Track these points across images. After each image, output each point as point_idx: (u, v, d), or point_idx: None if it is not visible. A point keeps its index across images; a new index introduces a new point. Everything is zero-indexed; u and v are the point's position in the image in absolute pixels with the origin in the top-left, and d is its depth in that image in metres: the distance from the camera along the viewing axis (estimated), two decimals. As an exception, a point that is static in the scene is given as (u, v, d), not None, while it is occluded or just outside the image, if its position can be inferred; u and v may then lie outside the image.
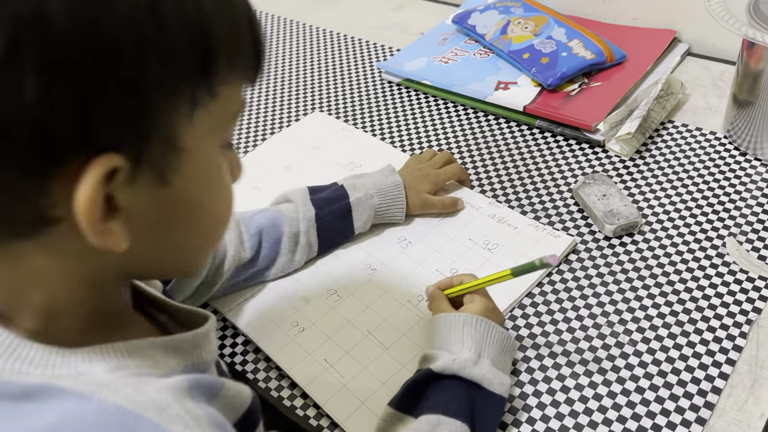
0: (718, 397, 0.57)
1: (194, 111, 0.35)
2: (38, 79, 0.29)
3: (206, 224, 0.41)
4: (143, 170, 0.34)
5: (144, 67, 0.32)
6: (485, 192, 0.80)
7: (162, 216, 0.37)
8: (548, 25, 0.98)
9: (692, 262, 0.68)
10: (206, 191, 0.39)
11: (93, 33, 0.30)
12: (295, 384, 0.63)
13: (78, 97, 0.30)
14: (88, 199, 0.32)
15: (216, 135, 0.39)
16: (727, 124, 0.82)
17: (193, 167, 0.37)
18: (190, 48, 0.33)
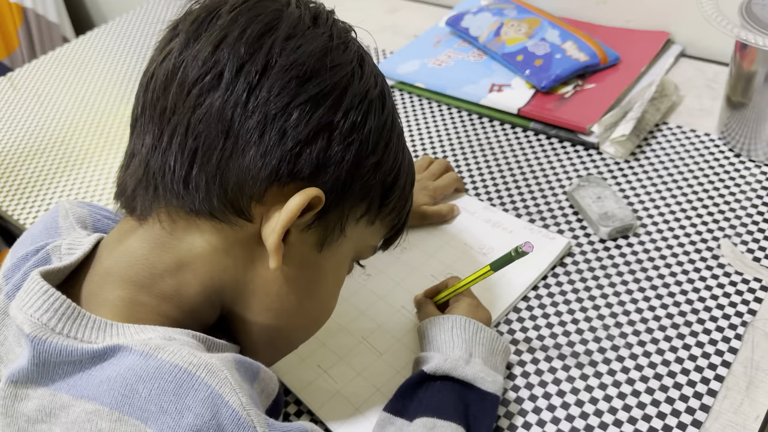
0: (713, 399, 0.57)
1: (361, 218, 0.49)
2: (320, 128, 0.43)
3: (320, 306, 0.51)
4: (317, 227, 0.46)
5: (368, 158, 0.46)
6: (480, 195, 0.80)
7: (303, 273, 0.47)
8: (542, 27, 0.98)
9: (687, 263, 0.68)
10: (334, 278, 0.51)
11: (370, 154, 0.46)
12: (288, 390, 0.62)
13: (329, 149, 0.43)
14: (296, 206, 0.42)
15: (356, 248, 0.51)
16: (721, 126, 0.82)
17: (338, 252, 0.49)
18: (387, 176, 0.48)
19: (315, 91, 0.42)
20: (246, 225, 0.44)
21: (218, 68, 0.42)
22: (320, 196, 0.43)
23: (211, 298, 0.46)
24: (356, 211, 0.48)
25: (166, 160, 0.42)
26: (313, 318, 0.52)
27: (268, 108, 0.41)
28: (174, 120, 0.42)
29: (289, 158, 0.42)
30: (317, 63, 0.43)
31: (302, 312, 0.49)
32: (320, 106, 0.43)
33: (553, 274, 0.69)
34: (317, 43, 0.44)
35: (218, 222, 0.43)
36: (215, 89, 0.42)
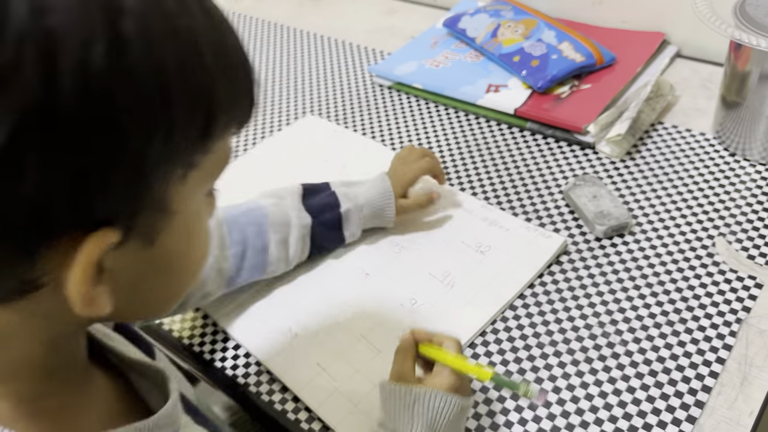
0: (708, 395, 0.57)
1: (188, 173, 0.34)
2: (39, 172, 0.27)
3: (185, 272, 0.40)
4: (131, 236, 0.33)
5: (149, 146, 0.30)
6: (477, 195, 0.81)
7: (145, 272, 0.36)
8: (538, 28, 0.98)
9: (682, 262, 0.69)
10: (189, 243, 0.38)
11: (101, 122, 0.28)
12: (286, 388, 0.63)
13: (78, 181, 0.28)
14: (83, 277, 0.31)
15: (204, 188, 0.37)
16: (716, 125, 0.83)
17: (179, 225, 0.36)
18: (193, 118, 0.32)
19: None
20: (41, 292, 0.32)
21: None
22: (104, 240, 0.30)
23: (63, 346, 0.38)
24: (172, 182, 0.33)
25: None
26: (184, 281, 0.41)
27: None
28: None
29: (29, 219, 0.28)
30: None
31: (169, 288, 0.40)
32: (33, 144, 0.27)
33: (549, 272, 0.70)
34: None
35: (4, 303, 0.32)
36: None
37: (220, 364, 0.66)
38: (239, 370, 0.65)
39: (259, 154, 0.92)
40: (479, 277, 0.69)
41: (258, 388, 0.64)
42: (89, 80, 0.27)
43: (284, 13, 1.27)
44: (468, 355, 0.63)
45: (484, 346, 0.64)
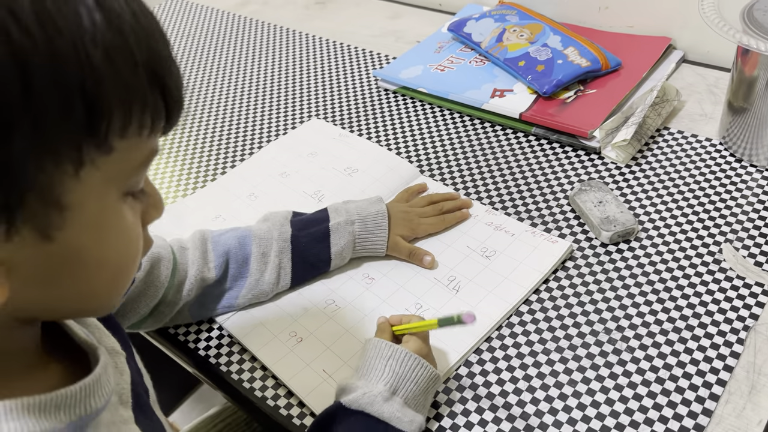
0: (716, 403, 0.57)
1: (81, 169, 0.33)
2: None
3: (102, 273, 0.39)
4: (19, 228, 0.33)
5: (10, 131, 0.30)
6: (482, 200, 0.80)
7: (49, 269, 0.36)
8: (543, 32, 0.98)
9: (689, 268, 0.68)
10: (98, 243, 0.37)
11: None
12: (291, 393, 0.63)
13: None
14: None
15: (113, 187, 0.37)
16: (722, 131, 0.83)
17: (81, 222, 0.35)
18: (67, 112, 0.31)
19: None
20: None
21: None
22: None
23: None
24: (61, 176, 0.33)
25: None
26: (110, 278, 0.40)
27: None
28: None
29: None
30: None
31: (90, 288, 0.39)
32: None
33: (555, 277, 0.69)
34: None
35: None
36: None
37: (225, 369, 0.66)
38: (245, 374, 0.65)
39: (264, 157, 0.92)
40: (484, 282, 0.69)
41: (263, 393, 0.63)
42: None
43: (290, 17, 1.27)
44: (474, 360, 0.63)
45: (490, 352, 0.63)
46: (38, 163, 0.31)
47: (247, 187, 0.86)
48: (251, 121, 1.01)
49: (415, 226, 0.74)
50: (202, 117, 1.04)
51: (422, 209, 0.77)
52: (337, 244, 0.70)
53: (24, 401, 0.36)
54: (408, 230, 0.74)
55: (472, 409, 0.59)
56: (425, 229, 0.75)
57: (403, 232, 0.73)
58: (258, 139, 0.97)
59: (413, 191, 0.81)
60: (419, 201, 0.79)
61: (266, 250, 0.69)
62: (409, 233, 0.74)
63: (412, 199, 0.80)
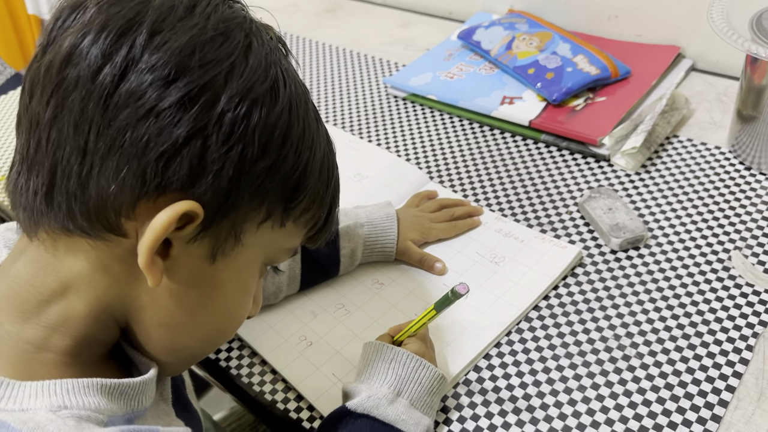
0: (725, 410, 0.57)
1: (264, 222, 0.43)
2: (194, 131, 0.37)
3: (220, 318, 0.46)
4: (205, 238, 0.40)
5: (257, 162, 0.40)
6: (491, 206, 0.81)
7: (194, 286, 0.43)
8: (553, 40, 0.99)
9: (698, 275, 0.68)
10: (236, 288, 0.45)
11: (240, 129, 0.39)
12: (301, 396, 0.63)
13: (205, 155, 0.38)
14: (164, 223, 0.37)
15: (265, 253, 0.46)
16: (731, 139, 0.83)
17: (237, 261, 0.43)
18: (288, 178, 0.42)
19: (181, 94, 0.37)
20: (121, 240, 0.39)
21: (74, 74, 0.37)
22: (195, 209, 0.38)
23: (102, 319, 0.42)
24: (254, 217, 0.42)
25: (30, 175, 0.39)
26: (213, 330, 0.47)
27: (128, 115, 0.37)
28: (36, 133, 0.39)
29: (155, 170, 0.37)
30: (185, 60, 0.37)
31: (198, 325, 0.45)
32: (188, 110, 0.37)
33: (565, 284, 0.70)
34: (186, 36, 0.38)
35: (92, 239, 0.39)
36: (70, 98, 0.37)
37: (235, 372, 0.67)
38: (255, 378, 0.66)
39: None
40: (494, 288, 0.70)
41: (273, 396, 0.64)
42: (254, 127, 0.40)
43: (300, 25, 1.28)
44: (484, 366, 0.63)
45: (500, 357, 0.64)
46: (252, 197, 0.41)
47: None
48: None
49: (426, 231, 0.75)
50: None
51: (433, 214, 0.77)
52: (346, 247, 0.71)
53: (98, 381, 0.40)
54: (419, 235, 0.74)
55: (481, 414, 0.59)
56: (436, 234, 0.75)
57: (414, 237, 0.74)
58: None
59: (423, 196, 0.81)
60: (430, 205, 0.79)
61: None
62: (420, 238, 0.74)
63: (423, 204, 0.80)
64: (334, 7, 1.33)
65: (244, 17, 0.42)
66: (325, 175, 0.46)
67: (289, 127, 0.41)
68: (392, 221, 0.73)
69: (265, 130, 0.40)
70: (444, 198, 0.81)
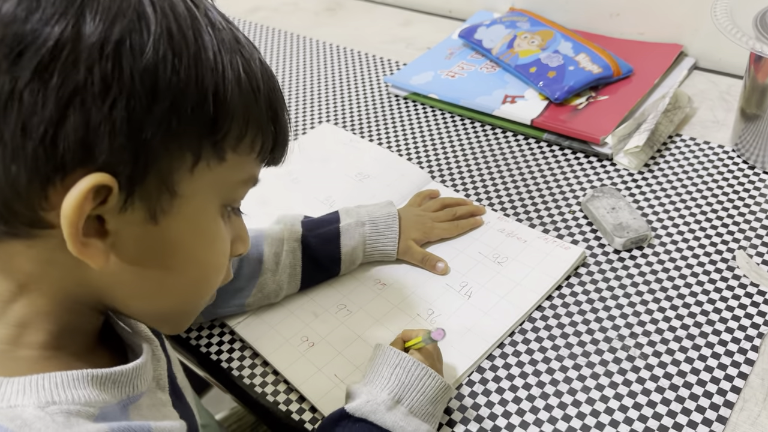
0: (730, 411, 0.56)
1: (196, 164, 0.39)
2: (65, 100, 0.34)
3: (189, 272, 0.43)
4: (135, 202, 0.37)
5: (152, 107, 0.35)
6: (493, 206, 0.80)
7: (148, 252, 0.40)
8: (555, 39, 0.98)
9: (702, 275, 0.68)
10: (193, 240, 0.42)
11: (121, 72, 0.34)
12: (303, 398, 0.63)
13: (88, 121, 0.34)
14: (74, 205, 0.35)
15: (216, 194, 0.42)
16: (735, 138, 0.82)
17: (185, 214, 0.40)
18: (199, 110, 0.37)
19: (33, 65, 0.33)
20: (51, 232, 0.37)
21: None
22: (103, 181, 0.35)
23: (74, 308, 0.42)
24: (180, 165, 0.38)
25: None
26: (192, 284, 0.45)
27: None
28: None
29: (44, 154, 0.34)
30: (20, 27, 0.33)
31: (171, 287, 0.43)
32: (48, 79, 0.33)
33: (568, 284, 0.69)
34: (9, 5, 0.33)
35: (22, 239, 0.37)
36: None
37: (237, 373, 0.66)
38: (256, 379, 0.65)
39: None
40: (497, 288, 0.69)
41: (275, 398, 0.63)
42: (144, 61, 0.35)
43: (300, 24, 1.28)
44: (487, 367, 0.63)
45: (503, 358, 0.63)
46: (165, 144, 0.36)
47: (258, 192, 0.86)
48: (262, 126, 1.01)
49: (429, 230, 0.74)
50: (213, 122, 1.04)
51: (435, 213, 0.77)
52: (347, 245, 0.70)
53: (88, 372, 0.39)
54: (421, 234, 0.74)
55: (485, 416, 0.59)
56: (439, 233, 0.75)
57: (416, 236, 0.73)
58: (269, 145, 0.97)
59: (425, 195, 0.81)
60: (432, 204, 0.78)
61: (278, 251, 0.69)
62: (423, 237, 0.74)
63: (425, 203, 0.80)
64: (334, 6, 1.33)
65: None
66: (248, 88, 0.40)
67: (177, 56, 0.36)
68: (394, 220, 0.73)
69: (145, 71, 0.35)
70: (446, 197, 0.80)
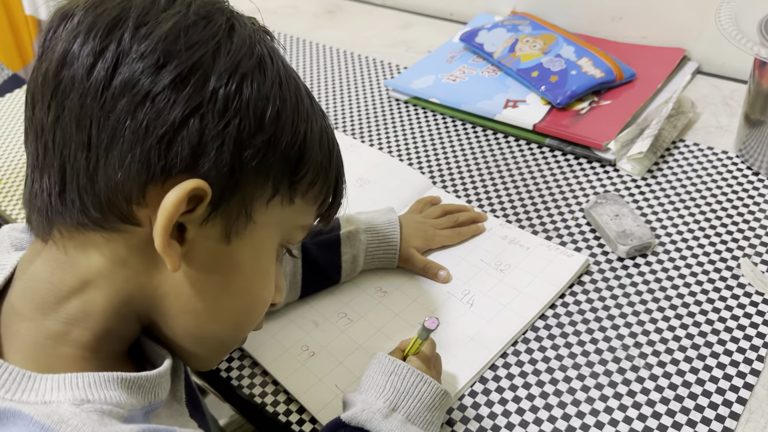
0: (736, 422, 0.56)
1: (272, 199, 0.44)
2: (191, 110, 0.39)
3: (245, 300, 0.47)
4: (217, 217, 0.42)
5: (256, 135, 0.41)
6: (495, 212, 0.80)
7: (215, 268, 0.44)
8: (557, 43, 0.97)
9: (707, 283, 0.67)
10: (255, 269, 0.46)
11: (240, 104, 0.40)
12: (304, 409, 0.62)
13: (204, 132, 0.39)
14: (174, 201, 0.38)
15: (279, 231, 0.47)
16: (739, 144, 0.82)
17: (253, 240, 0.44)
18: (289, 150, 0.43)
19: (172, 76, 0.38)
20: (136, 230, 0.41)
21: (70, 75, 0.39)
22: (202, 187, 0.39)
23: (123, 313, 0.43)
24: (261, 194, 0.43)
25: (42, 179, 0.41)
26: (239, 312, 0.48)
27: (125, 104, 0.38)
28: (42, 138, 0.40)
29: (158, 153, 0.38)
30: (171, 45, 0.39)
31: (222, 309, 0.46)
32: (181, 90, 0.39)
33: (571, 292, 0.68)
34: (169, 23, 0.39)
35: (107, 232, 0.40)
36: (69, 98, 0.39)
37: (236, 383, 0.65)
38: (256, 389, 0.64)
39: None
40: (499, 296, 0.68)
41: (275, 408, 0.63)
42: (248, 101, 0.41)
43: (300, 27, 1.27)
44: (490, 377, 0.62)
45: (506, 368, 0.62)
46: (257, 171, 0.42)
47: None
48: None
49: (430, 238, 0.74)
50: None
51: (437, 220, 0.76)
52: (348, 253, 0.70)
53: (118, 375, 0.41)
54: (422, 242, 0.73)
55: (487, 427, 0.58)
56: (440, 240, 0.74)
57: (418, 244, 0.73)
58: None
59: (426, 202, 0.80)
60: (433, 211, 0.77)
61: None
62: (424, 245, 0.73)
63: (426, 210, 0.79)
64: (333, 9, 1.32)
65: (224, 3, 0.44)
66: (326, 147, 0.47)
67: (282, 100, 0.42)
68: (395, 227, 0.72)
69: (258, 103, 0.41)
70: (447, 204, 0.80)
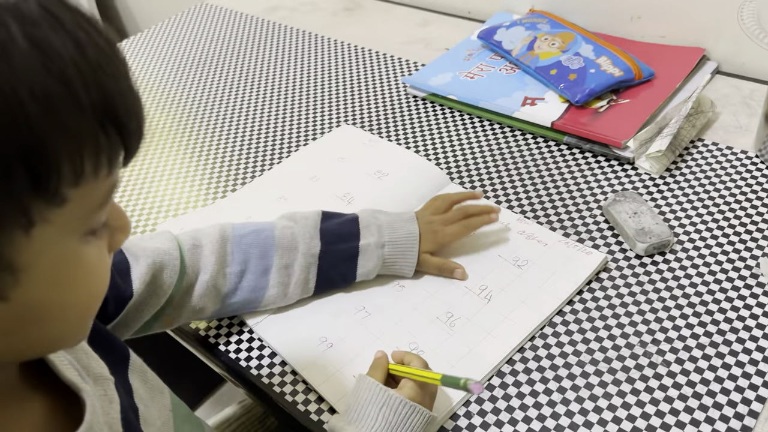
0: (755, 420, 0.56)
1: (31, 229, 0.31)
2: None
3: (67, 316, 0.37)
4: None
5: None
6: (513, 208, 0.80)
7: (11, 324, 0.34)
8: (576, 41, 0.97)
9: (725, 282, 0.67)
10: (60, 292, 0.35)
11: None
12: (322, 398, 0.62)
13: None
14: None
15: (71, 235, 0.34)
16: (758, 144, 0.81)
17: (38, 278, 0.33)
18: (6, 175, 0.28)
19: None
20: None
21: None
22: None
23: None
24: (3, 239, 0.30)
25: None
26: (73, 317, 0.38)
27: None
28: None
29: None
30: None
31: (55, 328, 0.37)
32: None
33: (589, 289, 0.69)
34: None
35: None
36: None
37: (255, 372, 0.66)
38: (275, 378, 0.65)
39: (295, 162, 0.93)
40: (517, 292, 0.69)
41: (294, 398, 0.63)
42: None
43: (319, 24, 1.27)
44: (507, 371, 0.62)
45: (523, 363, 0.63)
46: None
47: (278, 190, 0.86)
48: (281, 126, 1.01)
49: (440, 239, 0.72)
50: (233, 122, 1.04)
51: (444, 216, 0.73)
52: (365, 266, 0.69)
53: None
54: (433, 245, 0.71)
55: (505, 420, 0.59)
56: (450, 239, 0.72)
57: (430, 248, 0.71)
58: (288, 145, 0.97)
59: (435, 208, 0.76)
60: (440, 206, 0.75)
61: (289, 262, 0.67)
62: (435, 248, 0.72)
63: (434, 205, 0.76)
64: (352, 6, 1.32)
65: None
66: (69, 110, 0.30)
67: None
68: (414, 242, 0.70)
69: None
70: (453, 194, 0.76)
